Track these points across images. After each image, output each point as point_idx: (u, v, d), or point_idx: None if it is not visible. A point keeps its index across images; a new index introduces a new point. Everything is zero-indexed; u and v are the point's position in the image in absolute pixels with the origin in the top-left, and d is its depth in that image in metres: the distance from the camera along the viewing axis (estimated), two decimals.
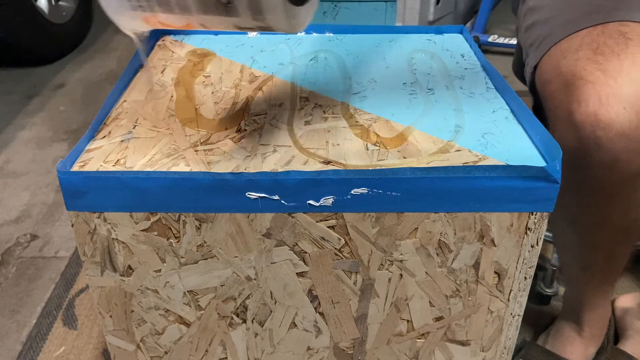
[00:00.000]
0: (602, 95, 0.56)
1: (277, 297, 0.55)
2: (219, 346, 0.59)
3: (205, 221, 0.51)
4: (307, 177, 0.48)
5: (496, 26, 2.21)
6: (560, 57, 0.63)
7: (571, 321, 0.86)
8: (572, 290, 0.85)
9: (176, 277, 0.54)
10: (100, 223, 0.51)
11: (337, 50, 0.74)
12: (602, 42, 0.60)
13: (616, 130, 0.56)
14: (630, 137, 0.56)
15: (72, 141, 1.56)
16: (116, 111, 0.61)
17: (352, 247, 0.52)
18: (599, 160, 0.58)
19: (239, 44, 0.77)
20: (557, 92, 0.61)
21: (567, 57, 0.62)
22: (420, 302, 0.56)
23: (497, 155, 0.52)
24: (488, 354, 0.60)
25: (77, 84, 1.90)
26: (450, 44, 0.76)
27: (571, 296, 0.86)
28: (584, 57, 0.60)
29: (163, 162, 0.52)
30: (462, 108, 0.60)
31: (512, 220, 0.51)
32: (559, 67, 0.62)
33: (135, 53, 0.71)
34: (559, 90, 0.61)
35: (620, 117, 0.56)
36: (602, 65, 0.58)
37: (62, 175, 0.49)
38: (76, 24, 2.15)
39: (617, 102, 0.56)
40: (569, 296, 0.87)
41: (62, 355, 0.92)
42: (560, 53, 0.63)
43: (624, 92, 0.56)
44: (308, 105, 0.62)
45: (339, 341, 0.59)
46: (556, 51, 0.64)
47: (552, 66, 0.64)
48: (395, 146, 0.54)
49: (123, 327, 0.58)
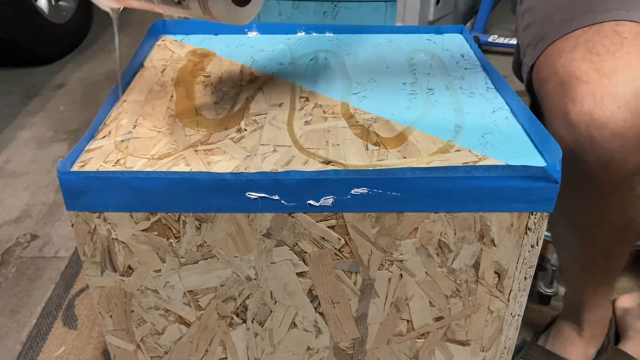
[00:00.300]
0: (597, 94, 0.57)
1: (277, 297, 0.55)
2: (219, 346, 0.59)
3: (205, 221, 0.51)
4: (307, 177, 0.48)
5: (496, 26, 2.21)
6: (556, 56, 0.63)
7: (571, 321, 0.86)
8: (572, 290, 0.85)
9: (176, 277, 0.54)
10: (100, 223, 0.51)
11: (337, 50, 0.74)
12: (597, 42, 0.60)
13: (611, 129, 0.56)
14: (625, 136, 0.56)
15: (72, 141, 1.56)
16: (116, 111, 0.61)
17: (352, 247, 0.52)
18: (594, 159, 0.58)
19: (239, 44, 0.77)
20: (552, 92, 0.62)
21: (563, 57, 0.62)
22: (420, 302, 0.56)
23: (497, 155, 0.52)
24: (488, 354, 0.60)
25: (77, 84, 1.90)
26: (450, 44, 0.76)
27: (571, 296, 0.86)
28: (579, 56, 0.60)
29: (163, 162, 0.52)
30: (462, 108, 0.60)
31: (512, 220, 0.51)
32: (555, 67, 0.62)
33: (135, 53, 0.71)
34: (554, 90, 0.61)
35: (615, 116, 0.56)
36: (596, 65, 0.58)
37: (62, 175, 0.49)
38: (76, 24, 2.15)
39: (611, 101, 0.56)
40: (569, 296, 0.87)
41: (62, 355, 0.92)
42: (556, 52, 0.64)
43: (618, 92, 0.56)
44: (308, 105, 0.62)
45: (339, 341, 0.59)
46: (552, 51, 0.65)
47: (548, 66, 0.64)
48: (395, 146, 0.54)
49: (123, 327, 0.58)
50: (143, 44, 0.74)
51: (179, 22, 0.80)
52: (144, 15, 2.40)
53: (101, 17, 2.34)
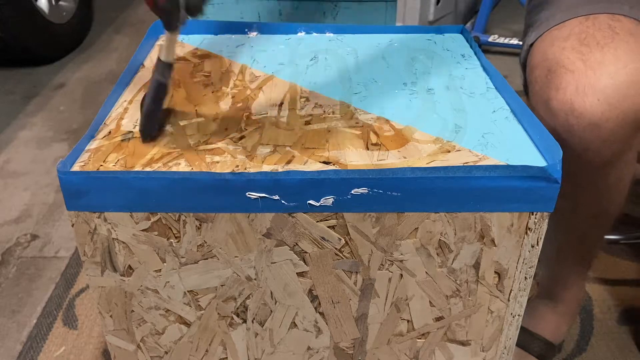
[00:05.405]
0: (580, 84, 0.58)
1: (277, 297, 0.55)
2: (219, 346, 0.59)
3: (206, 221, 0.51)
4: (307, 177, 0.48)
5: (496, 26, 2.21)
6: (549, 43, 0.65)
7: (546, 298, 0.88)
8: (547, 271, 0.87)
9: (176, 277, 0.54)
10: (100, 223, 0.51)
11: (337, 50, 0.74)
12: (590, 34, 0.62)
13: (588, 119, 0.58)
14: (601, 127, 0.58)
15: (72, 141, 1.56)
16: (116, 111, 0.61)
17: (352, 247, 0.52)
18: (570, 147, 0.60)
19: (239, 44, 0.77)
20: (540, 77, 0.63)
21: (555, 45, 0.64)
22: (421, 302, 0.56)
23: (497, 155, 0.52)
24: (488, 354, 0.60)
25: (77, 84, 1.89)
26: (451, 44, 0.76)
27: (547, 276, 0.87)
28: (569, 46, 0.62)
29: (163, 162, 0.52)
30: (462, 108, 0.60)
31: (513, 220, 0.51)
32: (546, 54, 0.64)
33: (135, 53, 0.71)
34: (541, 76, 0.63)
35: (594, 107, 0.57)
36: (584, 56, 0.60)
37: (62, 175, 0.49)
38: (76, 24, 2.15)
39: (592, 93, 0.57)
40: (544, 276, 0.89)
41: (62, 355, 0.92)
42: (550, 40, 0.65)
43: (600, 84, 0.57)
44: (308, 105, 0.62)
45: (339, 341, 0.59)
46: (547, 37, 0.66)
47: (541, 52, 0.66)
48: (395, 146, 0.54)
49: (123, 327, 0.58)
50: (143, 44, 0.74)
51: None
52: (144, 15, 2.40)
53: (101, 17, 2.34)
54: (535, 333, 0.86)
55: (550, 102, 0.60)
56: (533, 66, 0.66)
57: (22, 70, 1.98)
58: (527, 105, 0.58)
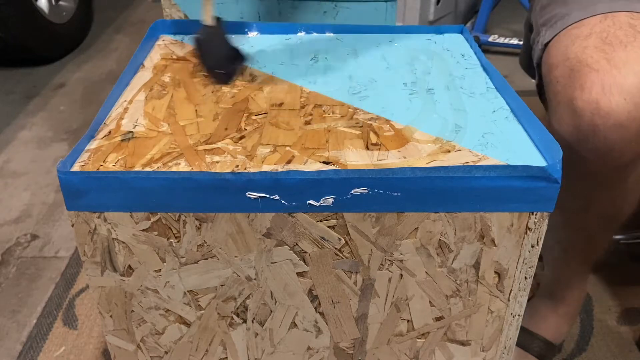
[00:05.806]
0: (605, 84, 0.57)
1: (277, 297, 0.55)
2: (219, 346, 0.59)
3: (206, 221, 0.51)
4: (307, 177, 0.48)
5: (496, 26, 2.21)
6: (569, 42, 0.64)
7: (547, 299, 0.87)
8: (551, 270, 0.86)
9: (176, 277, 0.54)
10: (100, 223, 0.51)
11: (337, 50, 0.74)
12: (611, 33, 0.61)
13: (614, 119, 0.57)
14: (627, 128, 0.57)
15: (72, 141, 1.56)
16: (116, 111, 0.61)
17: (352, 247, 0.52)
18: (593, 147, 0.59)
19: (239, 44, 0.77)
20: (561, 77, 0.62)
21: (576, 44, 0.62)
22: (421, 302, 0.56)
23: (497, 155, 0.52)
24: (488, 354, 0.60)
25: (77, 84, 1.89)
26: (451, 43, 0.76)
27: (549, 275, 0.87)
28: (592, 45, 0.61)
29: (163, 162, 0.52)
30: (462, 108, 0.60)
31: (513, 220, 0.51)
32: (567, 53, 0.63)
33: (135, 53, 0.71)
34: (563, 76, 0.62)
35: (620, 107, 0.56)
36: (608, 55, 0.59)
37: (62, 175, 0.49)
38: (76, 24, 2.15)
39: (619, 92, 0.57)
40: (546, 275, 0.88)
41: (62, 355, 0.92)
42: (569, 39, 0.64)
43: (627, 83, 0.57)
44: (308, 105, 0.62)
45: (339, 341, 0.59)
46: (566, 36, 0.65)
47: (560, 51, 0.64)
48: (395, 146, 0.54)
49: (123, 327, 0.58)
50: (143, 44, 0.74)
51: (179, 22, 0.80)
52: (144, 15, 2.40)
53: (101, 17, 2.34)
54: (536, 333, 0.86)
55: (574, 101, 0.59)
56: (552, 65, 0.65)
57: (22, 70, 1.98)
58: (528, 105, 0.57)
